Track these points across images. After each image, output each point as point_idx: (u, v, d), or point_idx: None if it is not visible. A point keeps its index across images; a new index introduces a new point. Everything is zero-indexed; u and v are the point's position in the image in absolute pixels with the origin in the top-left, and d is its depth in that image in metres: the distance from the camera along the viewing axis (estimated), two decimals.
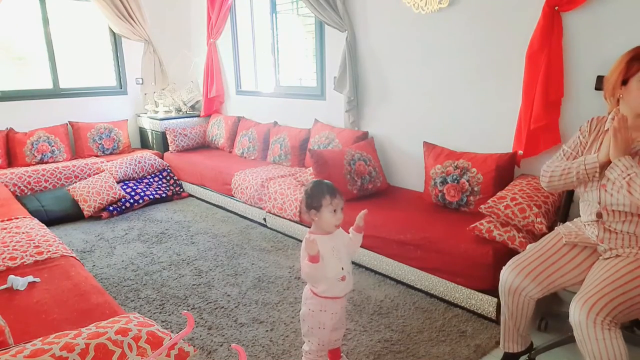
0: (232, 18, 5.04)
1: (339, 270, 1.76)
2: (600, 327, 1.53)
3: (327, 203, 1.73)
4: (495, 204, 2.43)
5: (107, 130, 5.03)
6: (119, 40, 5.26)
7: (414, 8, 3.19)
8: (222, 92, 5.35)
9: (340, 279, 1.76)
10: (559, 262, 1.84)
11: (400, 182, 3.63)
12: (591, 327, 1.54)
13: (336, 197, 1.75)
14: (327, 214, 1.74)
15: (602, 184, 1.76)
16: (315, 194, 1.75)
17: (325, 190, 1.75)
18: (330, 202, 1.73)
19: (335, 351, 1.95)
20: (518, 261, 1.88)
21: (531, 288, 1.81)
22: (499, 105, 2.92)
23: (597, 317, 1.53)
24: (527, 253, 1.90)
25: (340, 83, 3.72)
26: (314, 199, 1.75)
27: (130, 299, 2.68)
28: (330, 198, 1.73)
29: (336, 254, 1.77)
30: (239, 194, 4.02)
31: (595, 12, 2.42)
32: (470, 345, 2.18)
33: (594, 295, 1.58)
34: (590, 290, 1.61)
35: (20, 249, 2.34)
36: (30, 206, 3.80)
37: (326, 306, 1.79)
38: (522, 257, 1.89)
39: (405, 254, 2.72)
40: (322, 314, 1.79)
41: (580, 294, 1.63)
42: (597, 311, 1.54)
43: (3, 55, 4.76)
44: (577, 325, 1.58)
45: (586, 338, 1.56)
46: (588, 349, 1.57)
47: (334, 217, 1.75)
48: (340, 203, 1.76)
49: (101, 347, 1.19)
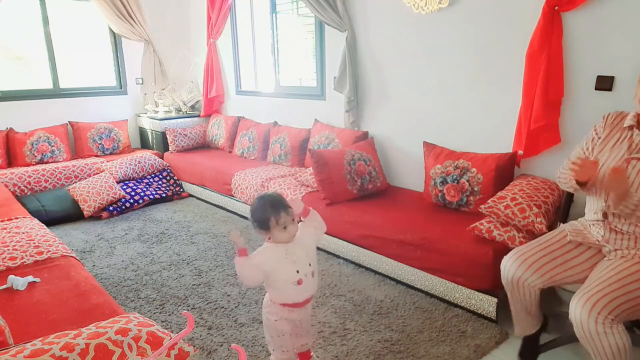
0: (232, 18, 5.04)
1: (293, 273, 1.69)
2: (602, 326, 1.53)
3: (274, 224, 1.66)
4: (495, 204, 2.42)
5: (107, 130, 5.03)
6: (119, 40, 5.25)
7: (414, 8, 3.19)
8: (222, 92, 5.34)
9: (296, 283, 1.69)
10: (562, 257, 1.83)
11: (400, 182, 3.63)
12: (592, 325, 1.54)
13: (280, 214, 1.65)
14: (278, 233, 1.68)
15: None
16: (260, 218, 1.68)
17: (269, 211, 1.65)
18: (276, 222, 1.65)
19: (304, 354, 1.91)
20: (520, 252, 1.87)
21: (533, 278, 1.81)
22: (499, 105, 2.92)
23: (598, 316, 1.53)
24: (530, 244, 1.90)
25: (340, 83, 3.72)
26: (261, 223, 1.68)
27: (130, 299, 2.68)
28: (275, 218, 1.65)
29: (290, 257, 1.71)
30: (239, 194, 4.02)
31: (595, 12, 2.41)
32: (470, 345, 2.18)
33: (595, 294, 1.58)
34: (593, 289, 1.60)
35: (20, 249, 2.34)
36: (30, 206, 3.80)
37: (283, 315, 1.75)
38: (524, 248, 1.88)
39: (405, 254, 2.72)
40: (279, 323, 1.75)
41: (582, 291, 1.62)
42: (598, 310, 1.54)
43: (3, 55, 4.76)
44: (577, 323, 1.58)
45: (587, 335, 1.56)
46: (591, 345, 1.57)
47: (286, 233, 1.68)
48: (287, 218, 1.67)
49: (101, 347, 1.19)
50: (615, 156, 1.77)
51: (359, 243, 2.99)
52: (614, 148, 1.80)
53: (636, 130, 1.75)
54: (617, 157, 1.76)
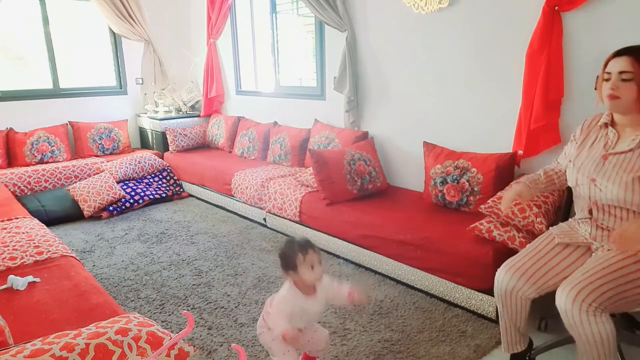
0: (232, 18, 5.04)
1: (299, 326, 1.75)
2: (586, 314, 1.55)
3: (302, 261, 1.67)
4: (495, 204, 2.42)
5: (107, 130, 5.03)
6: (119, 40, 5.25)
7: (414, 8, 3.19)
8: (222, 92, 5.34)
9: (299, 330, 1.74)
10: (552, 261, 1.86)
11: (400, 182, 3.63)
12: (577, 313, 1.56)
13: (308, 253, 1.68)
14: (305, 271, 1.69)
15: (592, 178, 1.77)
16: (288, 255, 1.71)
17: (297, 249, 1.69)
18: (304, 259, 1.67)
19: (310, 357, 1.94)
20: (512, 262, 1.89)
21: (526, 288, 1.83)
22: (499, 105, 2.92)
23: (582, 304, 1.56)
24: (520, 254, 1.92)
25: (340, 83, 3.72)
26: (288, 260, 1.70)
27: (130, 299, 2.68)
28: (303, 255, 1.67)
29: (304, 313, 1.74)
30: (239, 194, 4.02)
31: (595, 12, 2.42)
32: (470, 345, 2.18)
33: (580, 282, 1.60)
34: (578, 278, 1.63)
35: (20, 249, 2.34)
36: (30, 206, 3.80)
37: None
38: (515, 258, 1.91)
39: (405, 254, 2.72)
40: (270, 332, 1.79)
41: (568, 281, 1.65)
42: (582, 298, 1.56)
43: (3, 55, 4.76)
44: (563, 311, 1.61)
45: (573, 323, 1.59)
46: (576, 332, 1.60)
47: (313, 273, 1.69)
48: (316, 258, 1.70)
49: (101, 347, 1.19)
50: (593, 155, 1.82)
51: (359, 243, 3.00)
52: (592, 147, 1.85)
53: (610, 128, 1.82)
54: (595, 155, 1.81)
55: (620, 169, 1.71)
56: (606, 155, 1.78)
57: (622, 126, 1.79)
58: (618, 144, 1.77)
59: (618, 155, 1.74)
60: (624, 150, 1.74)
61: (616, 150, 1.76)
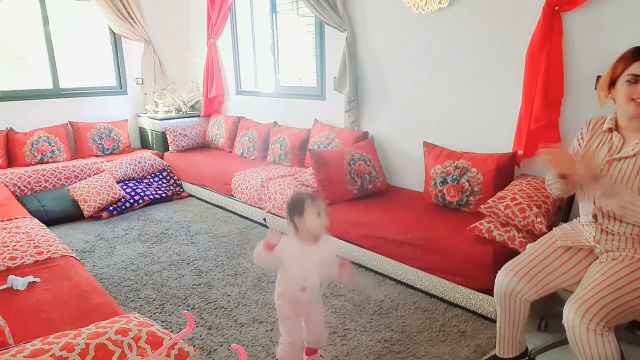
0: (232, 18, 5.04)
1: (299, 280, 1.76)
2: (594, 333, 1.54)
3: (310, 204, 1.73)
4: (495, 204, 2.43)
5: (107, 130, 5.02)
6: (119, 40, 5.25)
7: (414, 8, 3.19)
8: (222, 92, 5.34)
9: (301, 290, 1.76)
10: (553, 264, 1.84)
11: (400, 182, 3.63)
12: (584, 332, 1.55)
13: (317, 200, 1.76)
14: (311, 217, 1.73)
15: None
16: (297, 200, 1.76)
17: (306, 195, 1.77)
18: (312, 204, 1.73)
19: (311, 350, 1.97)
20: (512, 264, 1.88)
21: (526, 290, 1.82)
22: (499, 105, 2.92)
23: (590, 323, 1.54)
24: (521, 256, 1.91)
25: (340, 83, 3.72)
26: (296, 205, 1.75)
27: (130, 299, 2.68)
28: (312, 201, 1.74)
29: (302, 262, 1.75)
30: (239, 194, 4.02)
31: (595, 12, 2.41)
32: (470, 345, 2.18)
33: (588, 300, 1.58)
34: (586, 294, 1.61)
35: (20, 249, 2.34)
36: (30, 206, 3.80)
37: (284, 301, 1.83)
38: (516, 260, 1.90)
39: (405, 254, 2.72)
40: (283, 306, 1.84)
41: (575, 297, 1.63)
42: (590, 317, 1.54)
43: (3, 55, 4.76)
44: (570, 328, 1.59)
45: (579, 341, 1.57)
46: (581, 351, 1.58)
47: (319, 220, 1.74)
48: (322, 206, 1.76)
49: (101, 347, 1.19)
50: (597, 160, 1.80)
51: (359, 243, 3.00)
52: (596, 152, 1.84)
53: (615, 132, 1.80)
54: (599, 160, 1.79)
55: (625, 174, 1.70)
56: (610, 160, 1.76)
57: (627, 130, 1.77)
58: (622, 149, 1.76)
59: (623, 161, 1.73)
60: (629, 155, 1.72)
61: (620, 155, 1.74)
